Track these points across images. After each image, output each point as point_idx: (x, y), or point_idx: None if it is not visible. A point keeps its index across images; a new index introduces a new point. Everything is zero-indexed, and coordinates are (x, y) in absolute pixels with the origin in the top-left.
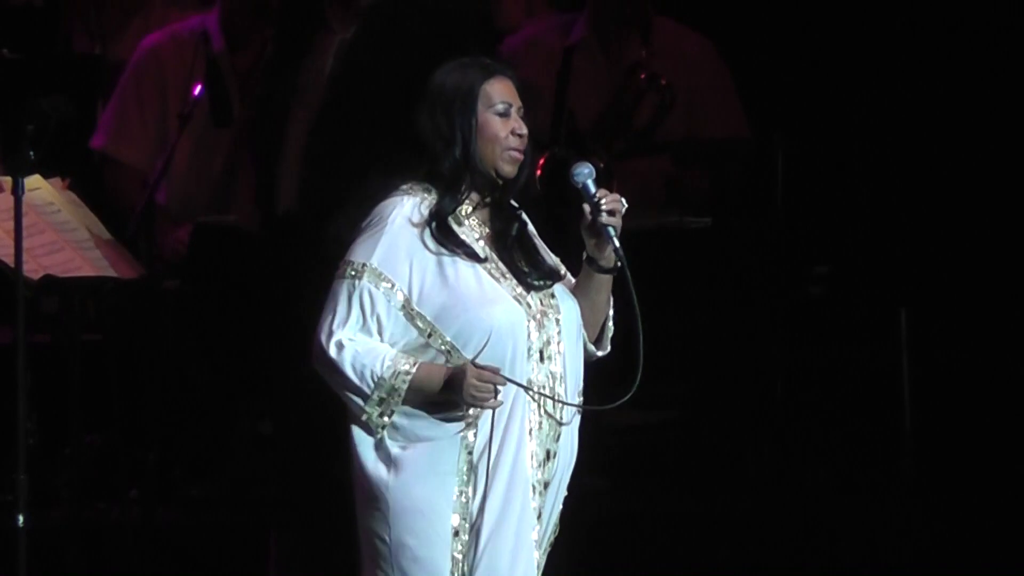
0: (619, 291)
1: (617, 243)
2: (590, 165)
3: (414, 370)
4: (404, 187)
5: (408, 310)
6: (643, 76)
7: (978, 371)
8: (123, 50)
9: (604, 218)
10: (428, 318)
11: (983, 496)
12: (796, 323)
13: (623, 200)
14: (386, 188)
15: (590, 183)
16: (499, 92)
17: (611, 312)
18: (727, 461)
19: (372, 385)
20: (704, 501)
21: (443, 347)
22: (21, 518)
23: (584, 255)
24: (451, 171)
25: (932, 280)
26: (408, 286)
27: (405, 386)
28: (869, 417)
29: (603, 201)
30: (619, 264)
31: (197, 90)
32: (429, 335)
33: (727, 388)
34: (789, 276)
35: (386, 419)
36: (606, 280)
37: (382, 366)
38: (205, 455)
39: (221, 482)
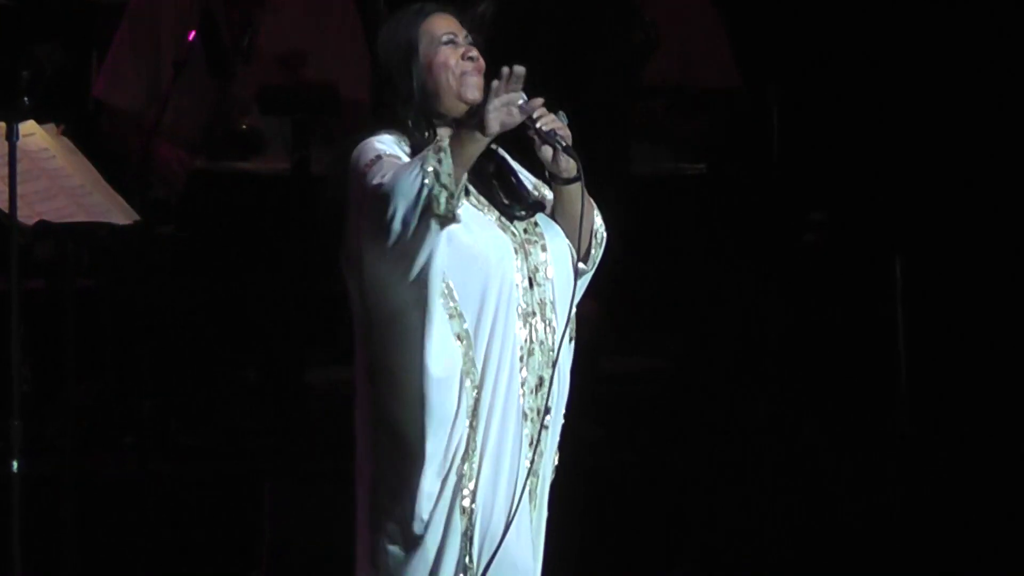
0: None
1: (563, 144)
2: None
3: (444, 140)
4: (382, 136)
5: None
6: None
7: (973, 320)
8: None
9: (549, 128)
10: None
11: (978, 447)
12: (791, 271)
13: (561, 113)
14: (356, 141)
15: (522, 103)
16: (439, 26)
17: (598, 225)
18: (721, 411)
19: (420, 160)
20: (697, 451)
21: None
22: (15, 464)
23: (546, 174)
24: (415, 117)
25: (928, 229)
26: None
27: (445, 143)
28: (864, 366)
29: (541, 118)
30: (579, 169)
31: (192, 37)
32: None
33: (721, 336)
34: (784, 222)
35: (446, 181)
36: (575, 191)
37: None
38: (200, 404)
39: (216, 431)
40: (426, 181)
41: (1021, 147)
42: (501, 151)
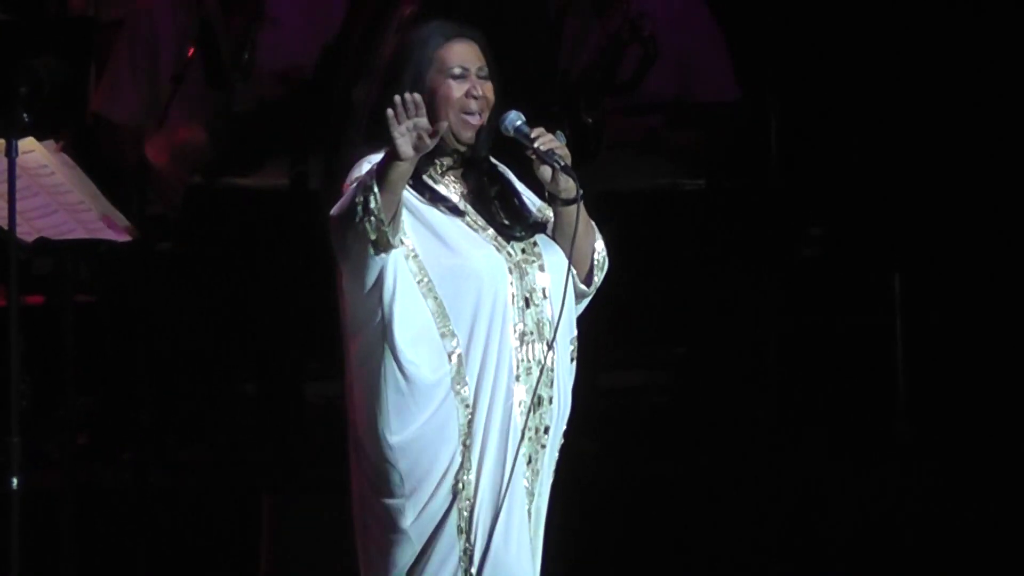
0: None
1: (562, 164)
2: (514, 111)
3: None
4: (372, 156)
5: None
6: (626, 27)
7: (971, 334)
8: (117, 11)
9: (548, 150)
10: (414, 243)
11: (977, 459)
12: (790, 285)
13: (560, 133)
14: (353, 157)
15: (520, 125)
16: (455, 55)
17: (598, 247)
18: (720, 424)
19: (353, 191)
20: (696, 465)
21: (423, 279)
22: (15, 480)
23: (546, 195)
24: None
25: (926, 243)
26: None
27: (374, 168)
28: (863, 380)
29: (539, 138)
30: (580, 190)
31: (191, 53)
32: (414, 256)
33: (720, 350)
34: (783, 238)
35: (374, 208)
36: (575, 212)
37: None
38: (198, 418)
39: (214, 445)
40: (356, 211)
41: (1018, 160)
42: (506, 172)
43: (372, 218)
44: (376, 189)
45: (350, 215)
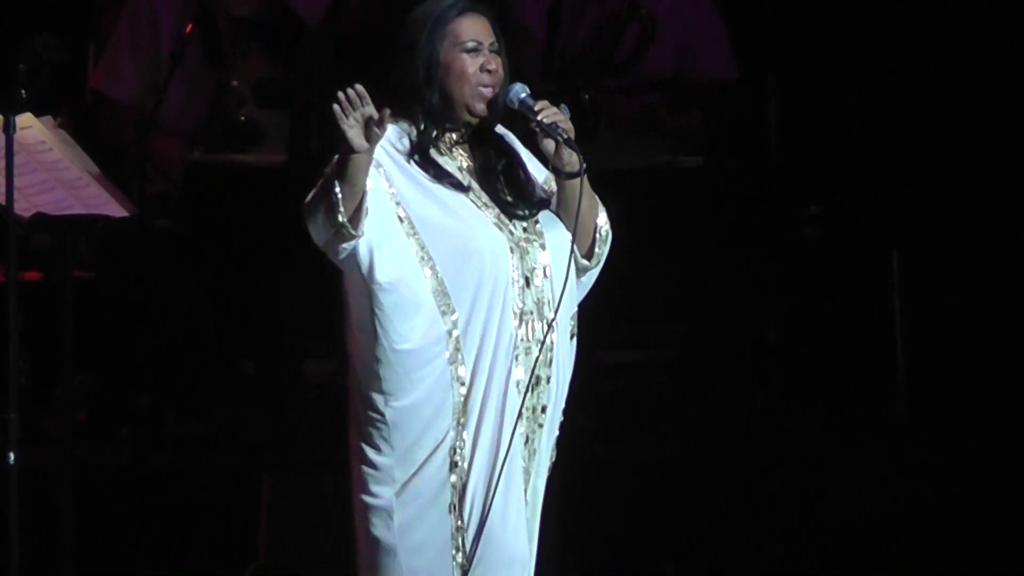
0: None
1: (565, 137)
2: (518, 83)
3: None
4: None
5: (393, 197)
6: (625, 6)
7: (970, 313)
8: None
9: (552, 123)
10: (412, 222)
11: (975, 439)
12: (789, 264)
13: (563, 107)
14: None
15: (525, 97)
16: (468, 29)
17: (601, 220)
18: (719, 402)
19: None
20: (695, 443)
21: (424, 256)
22: (12, 456)
23: (550, 168)
24: (423, 109)
25: (925, 222)
26: (395, 188)
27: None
28: (862, 359)
29: (543, 111)
30: (583, 164)
31: (189, 30)
32: (414, 234)
33: (719, 329)
34: (782, 216)
35: (335, 202)
36: (579, 186)
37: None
38: (197, 396)
39: (213, 423)
40: (319, 205)
41: (1016, 140)
42: (514, 141)
43: (333, 212)
44: (336, 184)
45: (314, 207)
